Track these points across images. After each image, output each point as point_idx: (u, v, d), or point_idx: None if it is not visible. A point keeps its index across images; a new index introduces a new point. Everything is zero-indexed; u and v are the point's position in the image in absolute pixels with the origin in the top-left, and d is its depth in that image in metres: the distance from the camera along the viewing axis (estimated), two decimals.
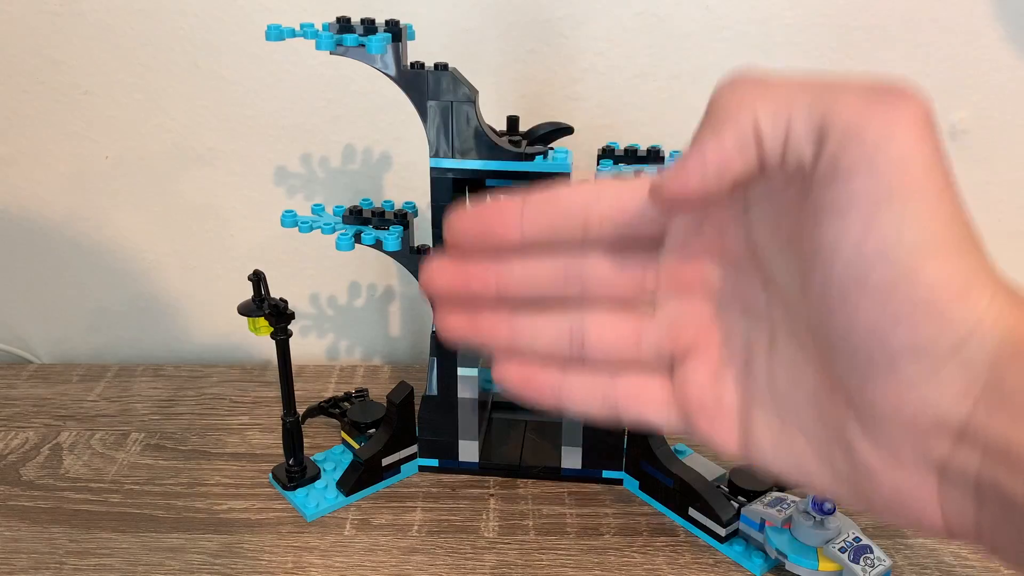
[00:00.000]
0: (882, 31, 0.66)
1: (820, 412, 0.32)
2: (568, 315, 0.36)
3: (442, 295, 0.36)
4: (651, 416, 0.36)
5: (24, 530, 0.55)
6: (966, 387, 0.28)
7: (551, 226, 0.35)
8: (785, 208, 0.32)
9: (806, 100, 0.29)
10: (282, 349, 0.55)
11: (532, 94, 0.68)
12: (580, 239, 0.34)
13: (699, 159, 0.30)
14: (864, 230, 0.28)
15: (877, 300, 0.28)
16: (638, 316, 0.37)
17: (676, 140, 0.69)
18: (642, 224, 0.34)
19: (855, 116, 0.28)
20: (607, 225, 0.34)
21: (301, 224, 0.55)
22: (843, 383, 0.30)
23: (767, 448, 0.34)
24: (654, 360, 0.37)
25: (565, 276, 0.35)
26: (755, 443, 0.35)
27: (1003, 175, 0.70)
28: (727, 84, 0.31)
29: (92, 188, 0.73)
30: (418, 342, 0.77)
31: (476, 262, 0.35)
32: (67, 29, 0.67)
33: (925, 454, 0.29)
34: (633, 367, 0.37)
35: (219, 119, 0.70)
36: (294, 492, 0.57)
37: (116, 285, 0.76)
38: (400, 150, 0.70)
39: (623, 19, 0.66)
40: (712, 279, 0.35)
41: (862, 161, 0.28)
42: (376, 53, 0.50)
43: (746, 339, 0.35)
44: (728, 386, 0.36)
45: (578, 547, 0.53)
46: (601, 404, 0.37)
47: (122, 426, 0.66)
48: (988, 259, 0.30)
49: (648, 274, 0.35)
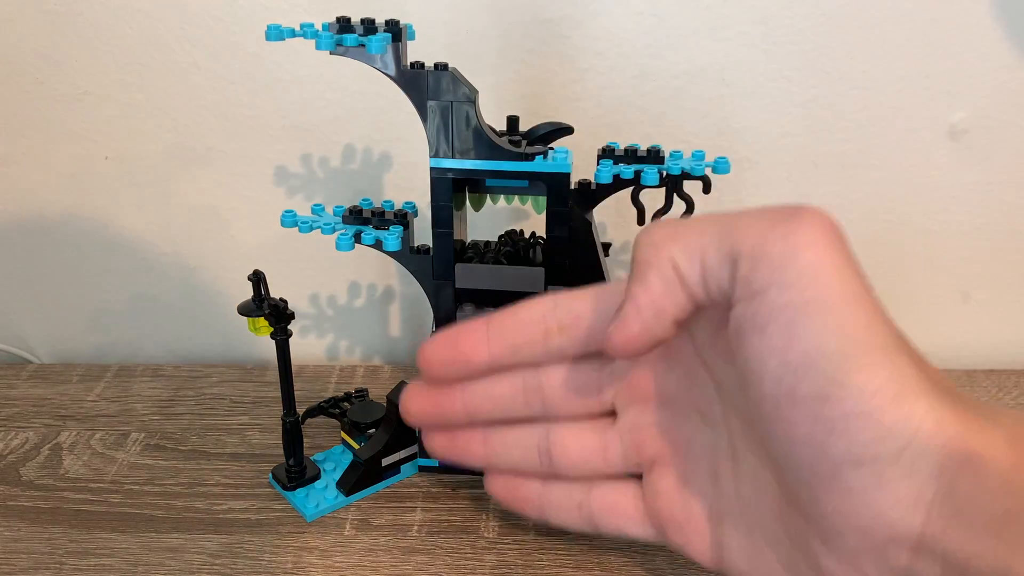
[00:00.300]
0: (882, 31, 0.66)
1: (784, 525, 0.32)
2: (535, 430, 0.37)
3: (420, 420, 0.37)
4: (627, 529, 0.37)
5: (24, 530, 0.55)
6: (915, 496, 0.28)
7: (515, 343, 0.36)
8: (719, 328, 0.33)
9: (715, 235, 0.31)
10: (282, 349, 0.55)
11: (532, 94, 0.68)
12: (542, 352, 0.35)
13: (634, 307, 0.32)
14: (786, 342, 0.29)
15: (810, 411, 0.28)
16: (602, 427, 0.37)
17: (676, 140, 0.69)
18: (597, 335, 0.35)
19: (759, 238, 0.29)
20: (564, 336, 0.35)
21: (301, 224, 0.55)
22: (797, 497, 0.31)
23: (740, 562, 0.34)
24: (623, 470, 0.37)
25: (524, 392, 0.36)
26: (728, 557, 0.35)
27: (1003, 175, 0.70)
28: (644, 236, 0.33)
29: (92, 188, 0.73)
30: (418, 342, 0.77)
31: (447, 387, 0.36)
32: (67, 29, 0.67)
33: (886, 565, 0.29)
34: (604, 478, 0.38)
35: (219, 119, 0.70)
36: (294, 492, 0.57)
37: (116, 285, 0.76)
38: (400, 150, 0.70)
39: (623, 19, 0.66)
40: (667, 386, 0.36)
41: (772, 277, 0.29)
42: (376, 53, 0.50)
43: (710, 448, 0.36)
44: (696, 497, 0.36)
45: (578, 547, 0.53)
46: (578, 516, 0.38)
47: (122, 426, 0.66)
48: (921, 360, 0.30)
49: (605, 384, 0.36)
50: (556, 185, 0.52)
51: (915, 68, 0.67)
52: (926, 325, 0.76)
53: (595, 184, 0.53)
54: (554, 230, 0.53)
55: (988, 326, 0.76)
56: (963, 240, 0.73)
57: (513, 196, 0.57)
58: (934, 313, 0.76)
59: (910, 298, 0.75)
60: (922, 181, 0.71)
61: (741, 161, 0.70)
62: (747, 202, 0.71)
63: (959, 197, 0.71)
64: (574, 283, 0.55)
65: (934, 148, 0.70)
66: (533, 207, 0.56)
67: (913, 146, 0.69)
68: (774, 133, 0.69)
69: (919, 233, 0.72)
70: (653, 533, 0.37)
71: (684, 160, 0.54)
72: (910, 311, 0.76)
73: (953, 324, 0.76)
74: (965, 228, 0.72)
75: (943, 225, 0.72)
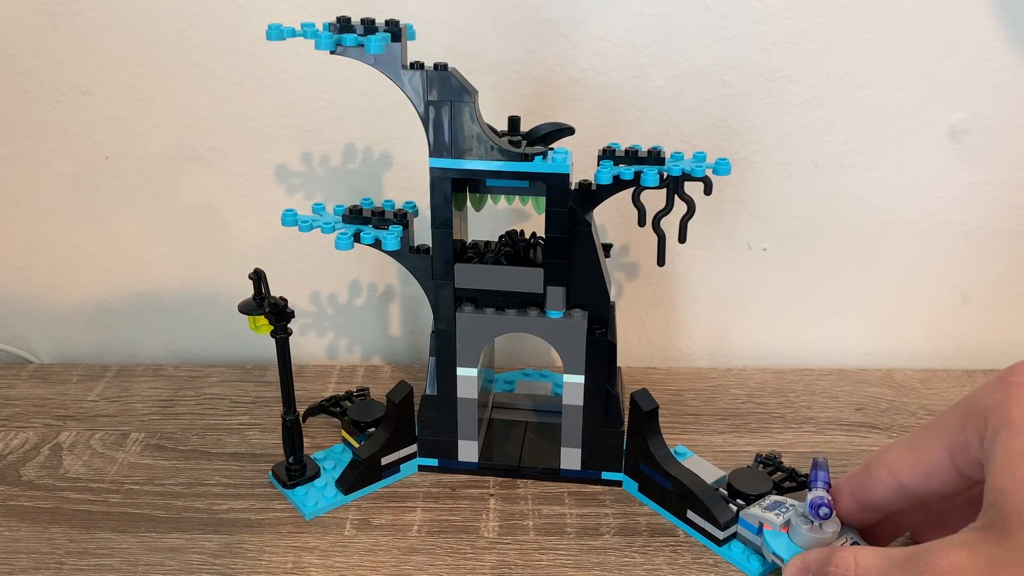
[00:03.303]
0: (882, 31, 0.66)
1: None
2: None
3: None
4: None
5: (24, 530, 0.55)
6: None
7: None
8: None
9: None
10: (282, 347, 0.55)
11: (532, 94, 0.68)
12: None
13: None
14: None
15: None
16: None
17: (676, 140, 0.69)
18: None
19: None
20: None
21: (301, 223, 0.55)
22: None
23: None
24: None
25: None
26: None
27: (1003, 175, 0.70)
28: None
29: (92, 188, 0.73)
30: (418, 342, 0.77)
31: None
32: (67, 29, 0.67)
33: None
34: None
35: (219, 119, 0.70)
36: (294, 490, 0.57)
37: (116, 285, 0.76)
38: (400, 150, 0.70)
39: (623, 19, 0.66)
40: None
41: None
42: (376, 53, 0.50)
43: None
44: None
45: (578, 547, 0.53)
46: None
47: (122, 426, 0.66)
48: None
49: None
50: (556, 185, 0.52)
51: (915, 68, 0.67)
52: (926, 325, 0.76)
53: (595, 185, 0.53)
54: (554, 230, 0.53)
55: (988, 326, 0.76)
56: (963, 240, 0.73)
57: (513, 196, 0.57)
58: (934, 313, 0.76)
59: (910, 298, 0.75)
60: (922, 181, 0.71)
61: (741, 161, 0.70)
62: (747, 202, 0.71)
63: (959, 197, 0.71)
64: (574, 283, 0.55)
65: (934, 148, 0.70)
66: (533, 207, 0.56)
67: (913, 146, 0.69)
68: (774, 133, 0.69)
69: (919, 233, 0.72)
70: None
71: (685, 161, 0.53)
72: (910, 311, 0.76)
73: (953, 324, 0.76)
74: (965, 228, 0.72)
75: (943, 225, 0.72)
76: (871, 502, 0.47)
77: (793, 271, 0.74)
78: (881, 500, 0.47)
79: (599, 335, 0.55)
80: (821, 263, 0.74)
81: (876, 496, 0.47)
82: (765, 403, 0.69)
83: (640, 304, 0.75)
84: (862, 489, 0.47)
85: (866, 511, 0.48)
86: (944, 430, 0.44)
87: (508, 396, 0.67)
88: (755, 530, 0.51)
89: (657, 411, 0.56)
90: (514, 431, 0.64)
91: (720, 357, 0.77)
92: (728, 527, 0.53)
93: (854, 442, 0.64)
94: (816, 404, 0.69)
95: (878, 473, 0.46)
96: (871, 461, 0.47)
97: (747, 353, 0.77)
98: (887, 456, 0.46)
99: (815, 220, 0.72)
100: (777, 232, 0.73)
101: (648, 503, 0.57)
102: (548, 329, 0.56)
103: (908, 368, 0.75)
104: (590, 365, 0.56)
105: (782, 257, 0.73)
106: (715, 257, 0.73)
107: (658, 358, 0.77)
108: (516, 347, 0.76)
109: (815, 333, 0.76)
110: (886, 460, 0.46)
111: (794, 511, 0.50)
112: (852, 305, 0.75)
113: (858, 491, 0.48)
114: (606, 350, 0.56)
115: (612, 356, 0.57)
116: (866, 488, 0.47)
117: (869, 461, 0.47)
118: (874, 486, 0.47)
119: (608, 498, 0.58)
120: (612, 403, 0.57)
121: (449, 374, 0.57)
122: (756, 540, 0.52)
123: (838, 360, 0.76)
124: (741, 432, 0.65)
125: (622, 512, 0.57)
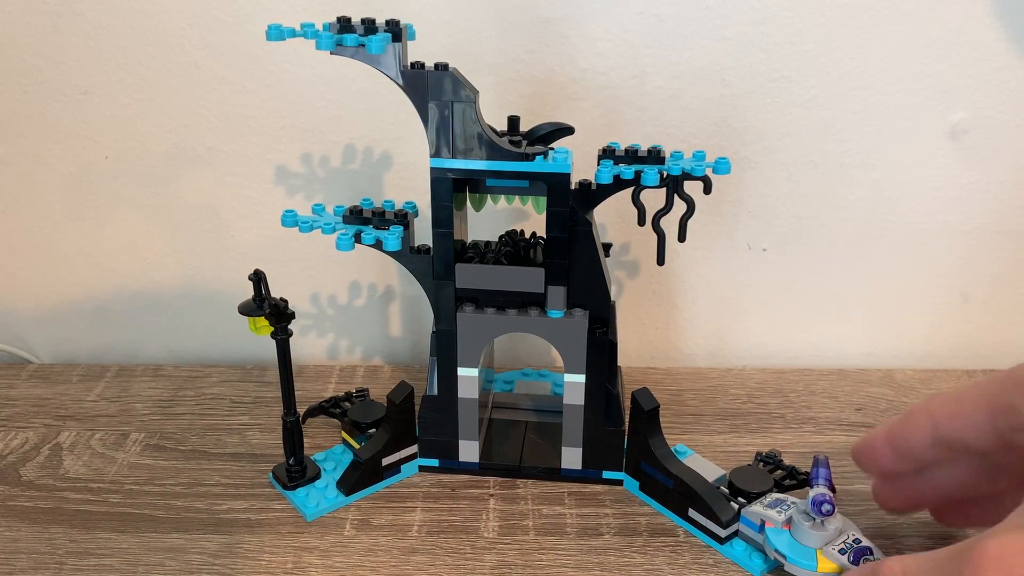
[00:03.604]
0: (882, 31, 0.66)
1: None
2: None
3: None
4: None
5: (24, 530, 0.55)
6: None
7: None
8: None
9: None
10: (282, 349, 0.55)
11: (532, 94, 0.68)
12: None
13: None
14: None
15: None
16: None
17: (676, 140, 0.69)
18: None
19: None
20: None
21: (301, 224, 0.55)
22: None
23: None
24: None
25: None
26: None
27: (1003, 175, 0.70)
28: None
29: (92, 188, 0.73)
30: (418, 342, 0.77)
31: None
32: (67, 29, 0.67)
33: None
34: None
35: (219, 119, 0.70)
36: (294, 491, 0.57)
37: (116, 285, 0.76)
38: (400, 150, 0.70)
39: (623, 19, 0.66)
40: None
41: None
42: (376, 53, 0.50)
43: None
44: None
45: (578, 547, 0.53)
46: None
47: (122, 426, 0.66)
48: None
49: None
50: (556, 185, 0.52)
51: (915, 68, 0.67)
52: (926, 325, 0.76)
53: (595, 184, 0.53)
54: (555, 230, 0.53)
55: (988, 326, 0.76)
56: (963, 240, 0.73)
57: (513, 196, 0.57)
58: (934, 313, 0.76)
59: (910, 298, 0.75)
60: (922, 181, 0.71)
61: (741, 161, 0.70)
62: (747, 202, 0.71)
63: (959, 197, 0.71)
64: (575, 283, 0.55)
65: (934, 148, 0.70)
66: (533, 207, 0.56)
67: (913, 146, 0.69)
68: (774, 133, 0.69)
69: (919, 233, 0.72)
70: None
71: (684, 160, 0.53)
72: (910, 311, 0.76)
73: (953, 324, 0.76)
74: (965, 228, 0.72)
75: (943, 225, 0.72)
76: (904, 447, 0.48)
77: (793, 271, 0.74)
78: (916, 446, 0.47)
79: (600, 334, 0.55)
80: (821, 263, 0.74)
81: (911, 441, 0.47)
82: (765, 403, 0.69)
83: (640, 304, 0.75)
84: (898, 433, 0.48)
85: (898, 458, 0.49)
86: (992, 390, 0.44)
87: (508, 396, 0.67)
88: (757, 528, 0.51)
89: (658, 410, 0.56)
90: (514, 431, 0.64)
91: (720, 357, 0.77)
92: (730, 525, 0.53)
93: (854, 442, 0.64)
94: (816, 404, 0.69)
95: (917, 418, 0.47)
96: (912, 408, 0.48)
97: (747, 353, 0.77)
98: (929, 403, 0.47)
99: (815, 220, 0.72)
100: (777, 232, 0.73)
101: (649, 502, 0.57)
102: (549, 329, 0.56)
103: (908, 368, 0.75)
104: (591, 364, 0.56)
105: (782, 257, 0.73)
106: (715, 257, 0.73)
107: (658, 358, 0.77)
108: (516, 347, 0.76)
109: (815, 333, 0.76)
110: (927, 407, 0.47)
111: (796, 508, 0.50)
112: (852, 305, 0.75)
113: (894, 436, 0.48)
114: (607, 349, 0.56)
115: (613, 355, 0.57)
116: (902, 432, 0.48)
117: (911, 408, 0.48)
118: (911, 431, 0.47)
119: (608, 498, 0.58)
120: (613, 402, 0.57)
121: (450, 374, 0.57)
122: (758, 538, 0.52)
123: (838, 360, 0.76)
124: (741, 432, 0.65)
125: (622, 512, 0.57)
